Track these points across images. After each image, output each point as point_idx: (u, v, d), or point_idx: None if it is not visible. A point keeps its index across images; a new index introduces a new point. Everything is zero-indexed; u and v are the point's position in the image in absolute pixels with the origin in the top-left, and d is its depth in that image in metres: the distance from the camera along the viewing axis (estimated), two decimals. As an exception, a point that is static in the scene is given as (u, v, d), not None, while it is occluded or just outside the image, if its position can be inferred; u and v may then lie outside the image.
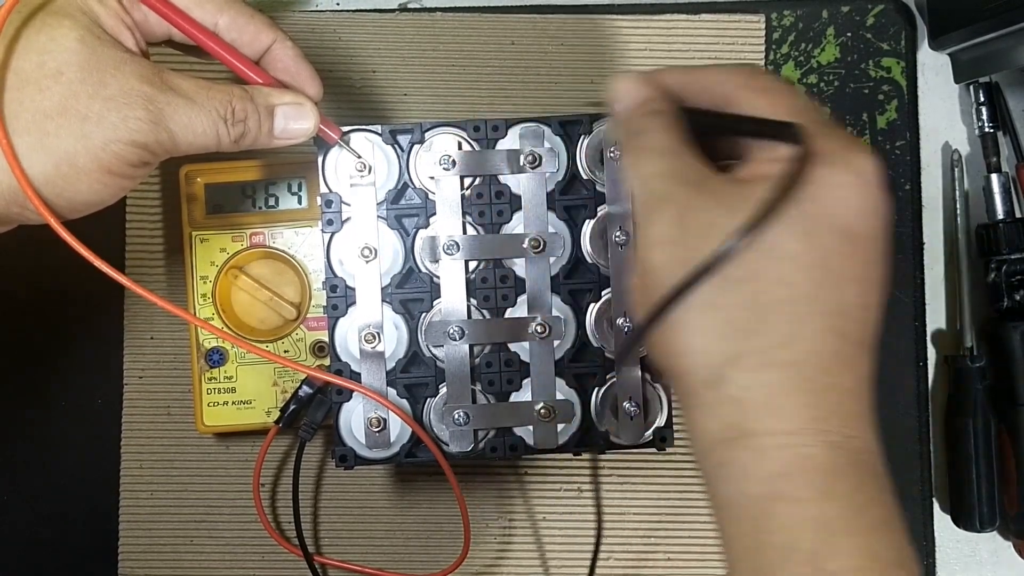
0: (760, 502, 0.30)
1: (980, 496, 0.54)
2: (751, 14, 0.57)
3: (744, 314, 0.30)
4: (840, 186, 0.30)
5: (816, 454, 0.30)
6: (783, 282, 0.30)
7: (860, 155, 0.31)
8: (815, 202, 0.30)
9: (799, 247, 0.30)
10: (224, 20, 0.39)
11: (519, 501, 0.56)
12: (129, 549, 0.55)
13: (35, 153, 0.35)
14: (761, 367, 0.30)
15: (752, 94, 0.33)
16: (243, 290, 0.52)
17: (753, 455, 0.30)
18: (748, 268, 0.30)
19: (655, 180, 0.32)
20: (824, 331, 0.30)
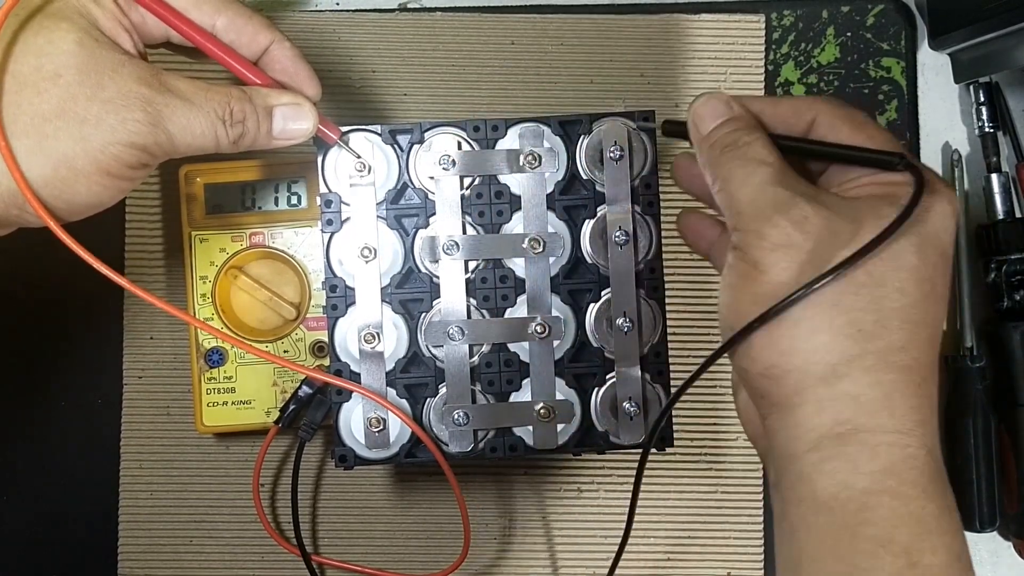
0: (864, 495, 0.32)
1: (980, 496, 0.54)
2: (751, 14, 0.57)
3: (867, 316, 0.32)
4: (944, 214, 0.33)
5: (919, 455, 0.32)
6: (902, 291, 0.32)
7: (950, 188, 0.34)
8: (927, 224, 0.33)
9: (916, 260, 0.33)
10: (222, 21, 0.39)
11: (519, 501, 0.56)
12: (129, 549, 0.55)
13: (34, 156, 0.35)
14: (880, 368, 0.32)
15: (850, 126, 0.36)
16: (243, 290, 0.52)
17: (864, 450, 0.32)
18: (873, 275, 0.32)
19: (767, 188, 0.34)
20: (927, 341, 0.33)
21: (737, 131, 0.36)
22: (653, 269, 0.44)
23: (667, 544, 0.56)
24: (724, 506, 0.56)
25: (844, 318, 0.32)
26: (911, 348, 0.32)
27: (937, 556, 0.31)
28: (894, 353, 0.32)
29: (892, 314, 0.32)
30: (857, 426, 0.32)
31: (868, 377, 0.32)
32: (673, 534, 0.56)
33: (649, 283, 0.44)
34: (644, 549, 0.55)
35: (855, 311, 0.32)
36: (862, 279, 0.32)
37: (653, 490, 0.56)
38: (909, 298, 0.32)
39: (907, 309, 0.32)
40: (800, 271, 0.32)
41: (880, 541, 0.31)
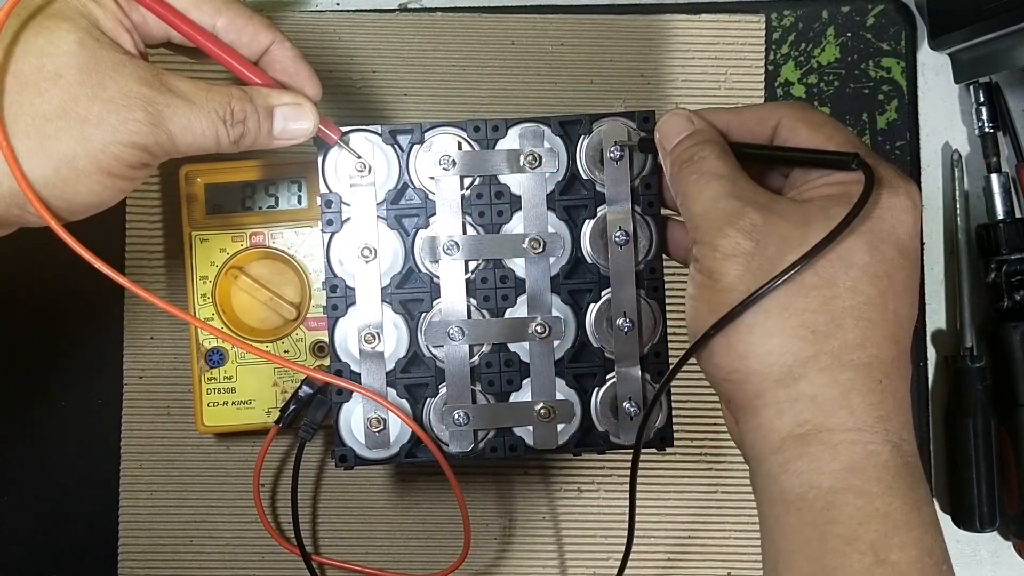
0: (829, 494, 0.32)
1: (980, 496, 0.54)
2: (751, 14, 0.57)
3: (819, 318, 0.33)
4: (900, 209, 0.34)
5: (881, 452, 0.32)
6: (854, 289, 0.33)
7: (911, 185, 0.35)
8: (880, 221, 0.33)
9: (867, 258, 0.33)
10: (222, 21, 0.39)
11: (519, 501, 0.56)
12: (129, 549, 0.55)
13: (35, 156, 0.35)
14: (835, 367, 0.32)
15: (808, 128, 0.36)
16: (243, 290, 0.52)
17: (825, 449, 0.32)
18: (823, 276, 0.33)
19: (721, 201, 0.35)
20: (887, 338, 0.33)
21: (694, 146, 0.37)
22: (653, 269, 0.44)
23: (667, 544, 0.56)
24: (724, 506, 0.56)
25: (796, 320, 0.33)
26: (868, 345, 0.33)
27: (905, 552, 0.31)
28: (850, 351, 0.33)
29: (845, 313, 0.33)
30: (817, 426, 0.32)
31: (824, 377, 0.32)
32: (673, 534, 0.56)
33: (649, 283, 0.44)
34: (645, 549, 0.55)
35: (806, 313, 0.33)
36: (811, 280, 0.33)
37: (653, 490, 0.56)
38: (863, 296, 0.33)
39: (861, 307, 0.33)
40: (752, 278, 0.33)
41: (847, 540, 0.31)
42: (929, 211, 0.58)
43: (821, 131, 0.36)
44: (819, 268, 0.33)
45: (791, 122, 0.37)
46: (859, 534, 0.31)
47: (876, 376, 0.33)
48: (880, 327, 0.33)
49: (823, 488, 0.32)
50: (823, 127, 0.36)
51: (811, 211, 0.34)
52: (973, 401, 0.55)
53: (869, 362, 0.33)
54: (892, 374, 0.33)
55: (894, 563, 0.31)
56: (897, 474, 0.32)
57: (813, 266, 0.33)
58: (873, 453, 0.32)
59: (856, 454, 0.32)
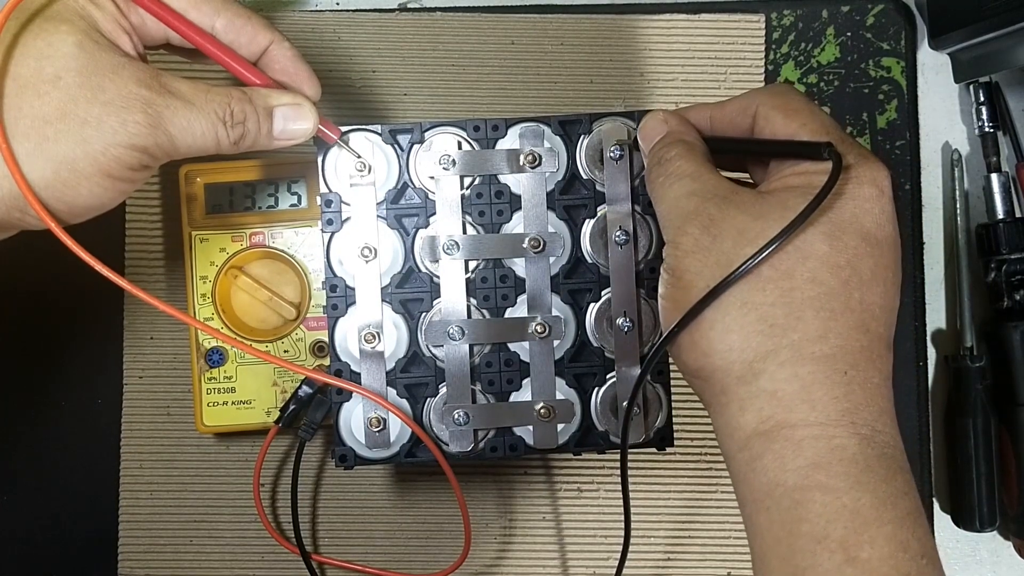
0: (794, 491, 0.31)
1: (980, 496, 0.54)
2: (751, 14, 0.57)
3: (778, 311, 0.32)
4: (864, 198, 0.33)
5: (848, 445, 0.31)
6: (814, 281, 0.32)
7: (879, 169, 0.34)
8: (842, 210, 0.33)
9: (826, 248, 0.32)
10: (221, 22, 0.39)
11: (519, 501, 0.56)
12: (129, 549, 0.55)
13: (35, 158, 0.35)
14: (795, 361, 0.32)
15: (783, 116, 0.36)
16: (243, 290, 0.52)
17: (789, 446, 0.32)
18: (780, 268, 0.32)
19: (682, 200, 0.35)
20: (853, 327, 0.32)
21: (663, 148, 0.38)
22: (653, 269, 0.44)
23: (667, 544, 0.56)
24: (724, 505, 0.56)
25: (754, 315, 0.32)
26: (831, 336, 0.32)
27: (876, 549, 0.30)
28: (811, 344, 0.32)
29: (805, 304, 0.32)
30: (779, 422, 0.32)
31: (784, 371, 0.32)
32: (673, 534, 0.56)
33: (649, 283, 0.44)
34: (644, 549, 0.55)
35: (764, 306, 0.32)
36: (768, 273, 0.32)
37: (653, 490, 0.56)
38: (823, 286, 0.32)
39: (822, 298, 0.32)
40: (711, 274, 0.33)
41: (816, 538, 0.31)
42: (929, 211, 0.58)
43: (796, 118, 0.36)
44: (776, 260, 0.32)
45: (767, 110, 0.36)
46: (828, 532, 0.30)
47: (840, 367, 0.32)
48: (844, 317, 0.32)
49: (789, 486, 0.31)
50: (798, 114, 0.36)
51: (770, 203, 0.34)
52: (973, 401, 0.55)
53: (832, 354, 0.32)
54: (861, 364, 0.32)
55: (865, 561, 0.30)
56: (867, 467, 0.31)
57: (770, 259, 0.32)
58: (839, 447, 0.31)
59: (820, 449, 0.31)
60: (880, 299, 0.33)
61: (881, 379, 0.33)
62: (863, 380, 0.32)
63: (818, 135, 0.35)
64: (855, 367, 0.32)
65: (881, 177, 0.34)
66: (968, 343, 0.56)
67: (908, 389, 0.56)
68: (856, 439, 0.31)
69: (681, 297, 0.34)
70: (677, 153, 0.37)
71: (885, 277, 0.33)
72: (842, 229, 0.33)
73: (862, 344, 0.32)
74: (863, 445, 0.31)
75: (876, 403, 0.32)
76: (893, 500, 0.31)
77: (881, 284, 0.33)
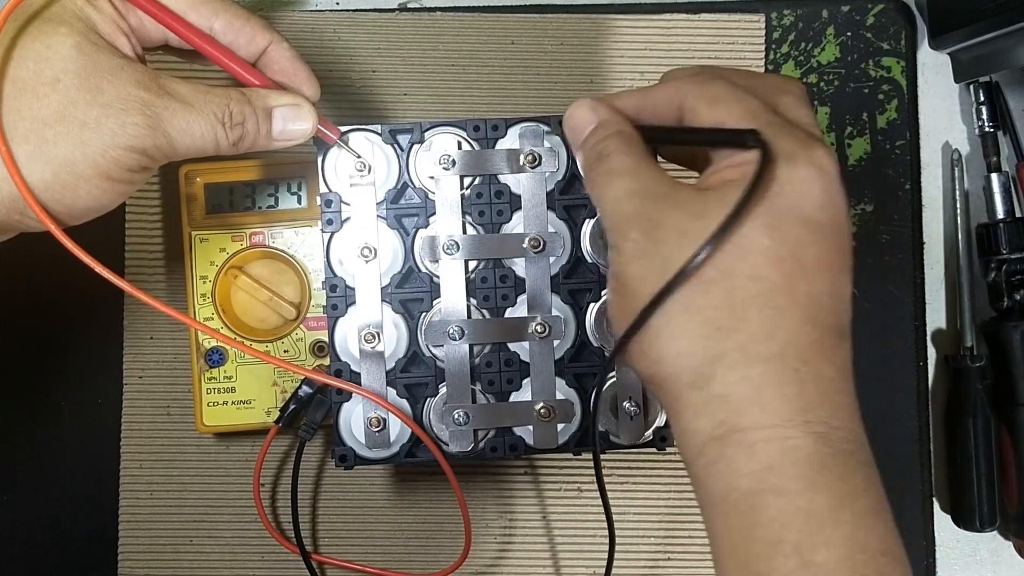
0: (749, 496, 0.30)
1: (980, 496, 0.54)
2: (751, 14, 0.57)
3: (722, 313, 0.31)
4: (801, 181, 0.31)
5: (802, 446, 0.30)
6: (756, 277, 0.31)
7: (817, 150, 0.32)
8: (779, 198, 0.31)
9: (767, 241, 0.31)
10: (220, 23, 0.39)
11: (519, 501, 0.56)
12: (129, 549, 0.55)
13: (34, 161, 0.35)
14: (744, 363, 0.31)
15: (707, 105, 0.34)
16: (243, 290, 0.52)
17: (742, 450, 0.31)
18: (721, 268, 0.31)
19: (622, 201, 0.33)
20: (801, 322, 0.31)
21: (599, 142, 0.36)
22: (653, 269, 0.44)
23: (666, 543, 0.56)
24: (724, 506, 0.56)
25: (699, 319, 0.31)
26: (779, 333, 0.31)
27: (832, 551, 0.29)
28: (757, 344, 0.31)
29: (748, 303, 0.31)
30: (732, 426, 0.31)
31: (733, 374, 0.31)
32: (672, 533, 0.56)
33: (649, 283, 0.44)
34: (644, 548, 0.55)
35: (708, 309, 0.31)
36: (710, 275, 0.31)
37: (652, 489, 0.56)
38: (766, 283, 0.31)
39: (765, 295, 0.31)
40: (655, 279, 0.32)
41: (771, 543, 0.30)
42: (929, 211, 0.58)
43: (720, 107, 0.34)
44: (717, 260, 0.31)
45: (692, 100, 0.35)
46: (782, 536, 0.30)
47: (792, 365, 0.31)
48: (791, 312, 0.31)
49: (744, 490, 0.31)
50: (719, 103, 0.34)
51: (710, 200, 0.32)
52: (973, 401, 0.55)
53: (781, 352, 0.31)
54: (812, 359, 0.31)
55: (820, 564, 0.29)
56: (822, 467, 0.30)
57: (711, 259, 0.31)
58: (792, 448, 0.30)
59: (773, 452, 0.30)
60: (828, 287, 0.31)
61: (836, 371, 0.31)
62: (815, 376, 0.31)
63: (744, 122, 0.33)
64: (806, 363, 0.31)
65: (819, 156, 0.32)
66: (968, 343, 0.56)
67: (908, 389, 0.56)
68: (811, 438, 0.30)
69: (627, 305, 0.33)
70: (616, 146, 0.35)
71: (832, 263, 0.32)
72: (781, 218, 0.31)
73: (812, 338, 0.31)
74: (818, 444, 0.30)
75: (831, 398, 0.31)
76: (851, 499, 0.30)
77: (828, 271, 0.31)
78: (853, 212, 0.57)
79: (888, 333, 0.56)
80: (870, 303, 0.56)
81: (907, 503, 0.56)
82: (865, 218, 0.57)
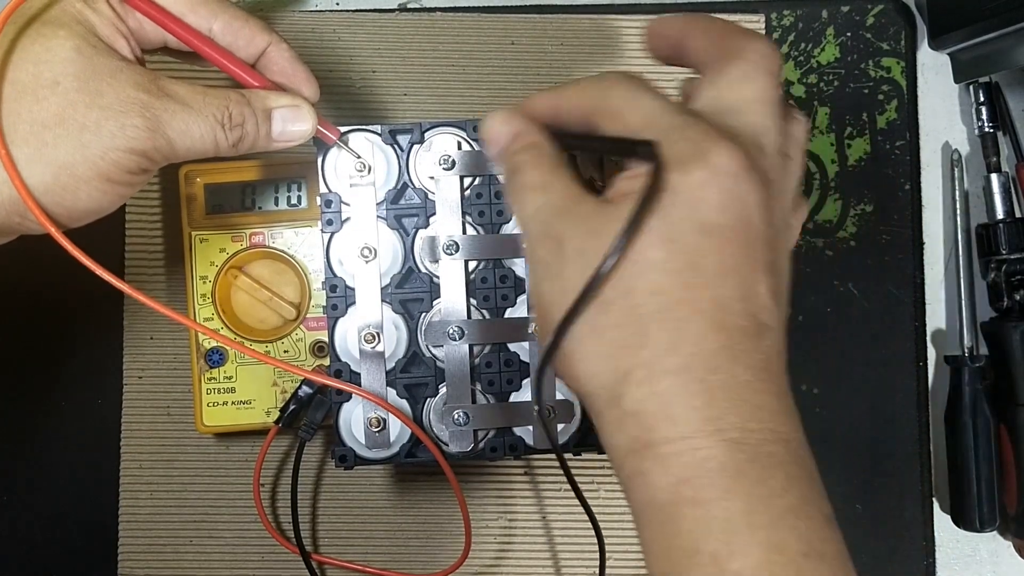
0: (667, 507, 0.30)
1: (980, 496, 0.54)
2: (751, 14, 0.57)
3: (625, 331, 0.31)
4: (695, 187, 0.30)
5: (715, 455, 0.30)
6: (655, 292, 0.30)
7: (713, 149, 0.31)
8: (673, 208, 0.30)
9: (662, 254, 0.30)
10: (218, 25, 0.39)
11: (519, 501, 0.56)
12: (129, 549, 0.55)
13: (34, 163, 0.35)
14: (650, 379, 0.30)
15: (604, 119, 0.34)
16: (243, 290, 0.52)
17: (657, 464, 0.30)
18: (619, 287, 0.30)
19: (532, 218, 0.33)
20: (707, 330, 0.30)
21: (512, 155, 0.35)
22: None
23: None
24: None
25: (604, 339, 0.31)
26: (683, 345, 0.30)
27: (749, 557, 0.29)
28: (662, 358, 0.30)
29: (649, 319, 0.30)
30: (646, 442, 0.31)
31: (641, 391, 0.31)
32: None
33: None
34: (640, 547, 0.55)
35: (611, 329, 0.31)
36: (610, 295, 0.31)
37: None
38: (665, 297, 0.30)
39: (666, 309, 0.30)
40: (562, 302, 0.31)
41: (688, 553, 0.30)
42: (929, 211, 0.58)
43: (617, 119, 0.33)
44: (616, 280, 0.30)
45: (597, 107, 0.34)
46: (699, 546, 0.29)
47: (697, 376, 0.30)
48: (694, 322, 0.30)
49: (661, 503, 0.30)
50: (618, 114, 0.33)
51: (607, 216, 0.31)
52: (973, 401, 0.55)
53: (686, 363, 0.30)
54: (722, 366, 0.30)
55: (736, 572, 0.29)
56: (738, 473, 0.30)
57: (610, 279, 0.30)
58: (705, 459, 0.30)
59: (686, 464, 0.30)
60: (735, 291, 0.31)
61: (752, 374, 0.31)
62: (725, 382, 0.30)
63: (643, 130, 0.32)
64: (714, 371, 0.30)
65: (714, 154, 0.30)
66: (968, 343, 0.56)
67: (908, 389, 0.56)
68: (723, 446, 0.30)
69: (543, 325, 0.33)
70: (525, 161, 0.34)
71: (737, 266, 0.31)
72: (676, 229, 0.30)
73: (720, 344, 0.30)
74: (731, 451, 0.30)
75: (747, 401, 0.30)
76: (768, 501, 0.30)
77: (733, 275, 0.31)
78: (853, 212, 0.57)
79: (888, 333, 0.56)
80: (870, 303, 0.56)
81: (907, 503, 0.56)
82: (865, 218, 0.57)
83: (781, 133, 0.34)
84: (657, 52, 0.38)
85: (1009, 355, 0.54)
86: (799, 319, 0.55)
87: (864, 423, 0.56)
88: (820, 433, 0.56)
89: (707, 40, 0.35)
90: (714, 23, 0.36)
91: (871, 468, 0.56)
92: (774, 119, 0.33)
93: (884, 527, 0.56)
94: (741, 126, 0.32)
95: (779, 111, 0.34)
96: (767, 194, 0.32)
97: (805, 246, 0.56)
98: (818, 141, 0.57)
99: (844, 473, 0.56)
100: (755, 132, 0.33)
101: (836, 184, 0.57)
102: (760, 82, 0.33)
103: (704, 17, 0.36)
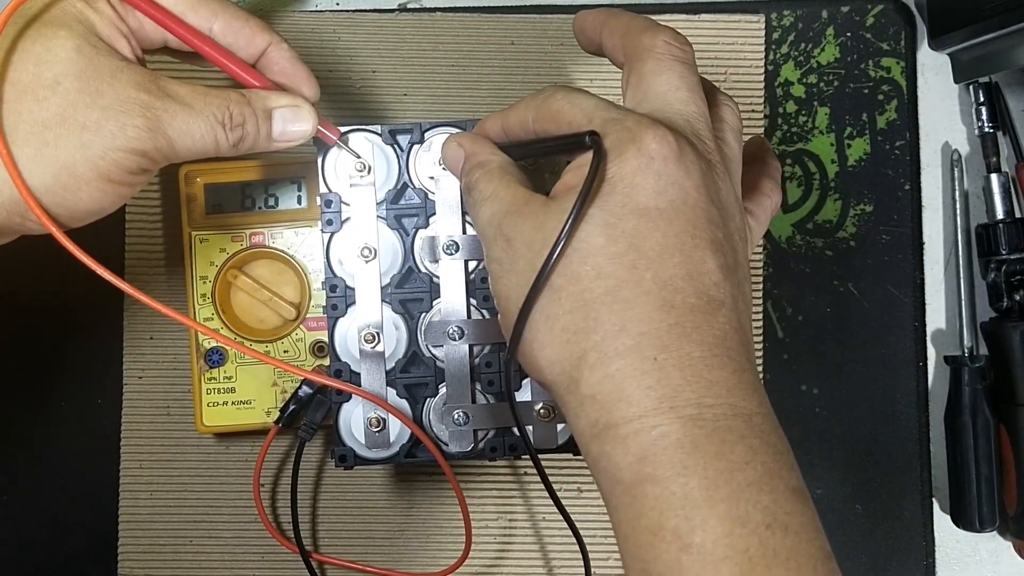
0: (631, 488, 0.31)
1: (980, 496, 0.54)
2: (751, 14, 0.57)
3: (576, 316, 0.32)
4: (631, 173, 0.32)
5: (671, 432, 0.31)
6: (600, 276, 0.32)
7: (646, 136, 0.32)
8: (611, 195, 0.32)
9: (602, 240, 0.32)
10: (219, 25, 0.39)
11: (519, 501, 0.56)
12: (129, 549, 0.55)
13: (35, 163, 0.35)
14: (602, 361, 0.32)
15: (545, 123, 0.36)
16: (243, 290, 0.52)
17: (617, 445, 0.31)
18: (566, 274, 0.32)
19: (486, 224, 0.36)
20: (654, 310, 0.32)
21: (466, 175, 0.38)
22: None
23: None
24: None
25: (558, 326, 0.33)
26: (631, 326, 0.31)
27: (709, 531, 0.30)
28: (612, 340, 0.32)
29: (597, 303, 0.32)
30: (605, 424, 0.32)
31: (596, 374, 0.32)
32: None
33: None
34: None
35: (563, 316, 0.32)
36: (559, 282, 0.32)
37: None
38: (610, 280, 0.32)
39: (612, 292, 0.32)
40: (518, 295, 0.33)
41: (652, 531, 0.30)
42: (929, 211, 0.58)
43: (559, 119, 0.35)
44: (562, 267, 0.32)
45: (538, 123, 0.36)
46: (662, 523, 0.30)
47: (649, 355, 0.31)
48: (640, 303, 0.31)
49: (625, 483, 0.31)
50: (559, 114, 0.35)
51: (552, 210, 0.33)
52: (973, 401, 0.55)
53: (637, 344, 0.31)
54: (672, 344, 0.31)
55: (699, 546, 0.30)
56: (695, 449, 0.30)
57: (557, 267, 0.32)
58: (661, 436, 0.31)
59: (644, 442, 0.31)
60: (679, 269, 0.32)
61: (705, 350, 0.31)
62: (678, 359, 0.31)
63: (583, 127, 0.34)
64: (665, 349, 0.31)
65: (648, 140, 0.32)
66: (968, 343, 0.56)
67: (908, 389, 0.56)
68: (679, 423, 0.31)
69: (504, 321, 0.35)
70: (477, 177, 0.37)
71: (680, 245, 0.32)
72: (615, 214, 0.32)
73: (669, 323, 0.31)
74: (688, 427, 0.31)
75: (702, 377, 0.31)
76: (728, 475, 0.30)
77: (677, 254, 0.32)
78: (853, 212, 0.57)
79: (888, 333, 0.56)
80: (870, 303, 0.56)
81: (907, 503, 0.56)
82: (865, 218, 0.57)
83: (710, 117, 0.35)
84: (584, 47, 0.40)
85: (1009, 355, 0.54)
86: (799, 319, 0.55)
87: (864, 423, 0.56)
88: (820, 433, 0.56)
89: (618, 38, 0.37)
90: (621, 20, 0.38)
91: (871, 468, 0.56)
92: (697, 104, 0.35)
93: (884, 527, 0.56)
94: (673, 115, 0.34)
95: (700, 97, 0.35)
96: (708, 175, 0.33)
97: (805, 246, 0.56)
98: (818, 141, 0.57)
99: (844, 473, 0.56)
100: (686, 119, 0.34)
101: (836, 184, 0.57)
102: (671, 72, 0.35)
103: (616, 14, 0.38)
